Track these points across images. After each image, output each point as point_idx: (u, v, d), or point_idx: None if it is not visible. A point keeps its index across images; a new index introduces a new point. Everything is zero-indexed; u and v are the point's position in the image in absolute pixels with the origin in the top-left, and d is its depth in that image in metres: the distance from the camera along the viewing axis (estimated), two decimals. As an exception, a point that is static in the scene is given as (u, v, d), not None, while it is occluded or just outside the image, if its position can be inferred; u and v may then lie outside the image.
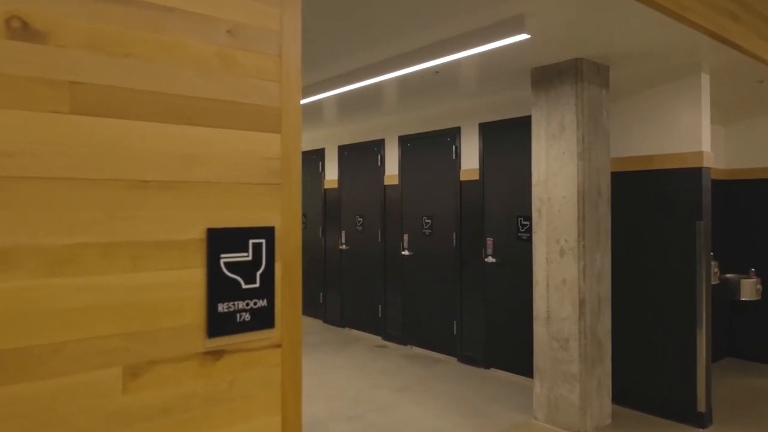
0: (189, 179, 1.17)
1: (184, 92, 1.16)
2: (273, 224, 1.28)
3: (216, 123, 1.21)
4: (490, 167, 4.99)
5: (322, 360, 5.34)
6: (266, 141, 1.28)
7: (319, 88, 4.31)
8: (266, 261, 1.27)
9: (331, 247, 6.85)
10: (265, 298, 1.26)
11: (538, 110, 3.80)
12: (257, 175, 1.26)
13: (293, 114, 1.33)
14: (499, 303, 4.91)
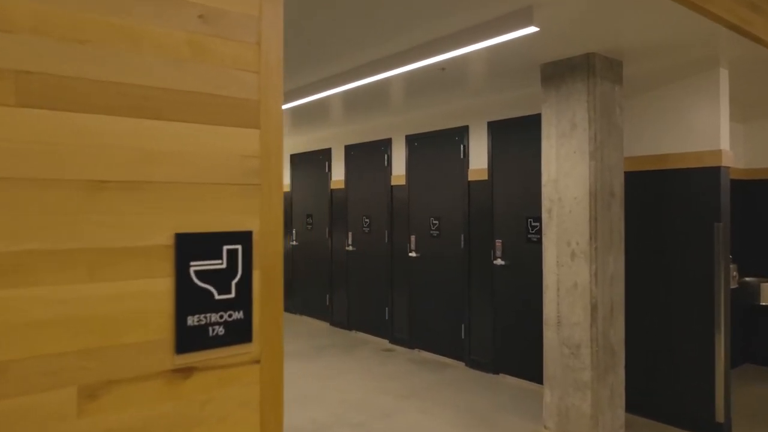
0: (154, 179, 1.06)
1: (149, 83, 1.05)
2: (250, 228, 1.17)
3: (186, 117, 1.10)
4: (499, 167, 4.85)
5: (327, 364, 5.24)
6: (243, 137, 1.17)
7: (323, 86, 4.20)
8: (242, 269, 1.15)
9: (337, 248, 6.75)
10: (241, 310, 1.15)
11: (548, 107, 3.66)
12: (233, 175, 1.15)
13: (274, 108, 1.21)
14: (508, 306, 4.77)
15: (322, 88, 4.23)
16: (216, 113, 1.13)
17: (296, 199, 7.52)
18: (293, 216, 7.55)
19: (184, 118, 1.10)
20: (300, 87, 4.42)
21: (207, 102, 1.12)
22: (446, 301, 5.36)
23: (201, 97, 1.12)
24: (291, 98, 4.56)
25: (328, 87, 4.14)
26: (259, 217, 1.19)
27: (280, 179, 1.22)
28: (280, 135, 1.22)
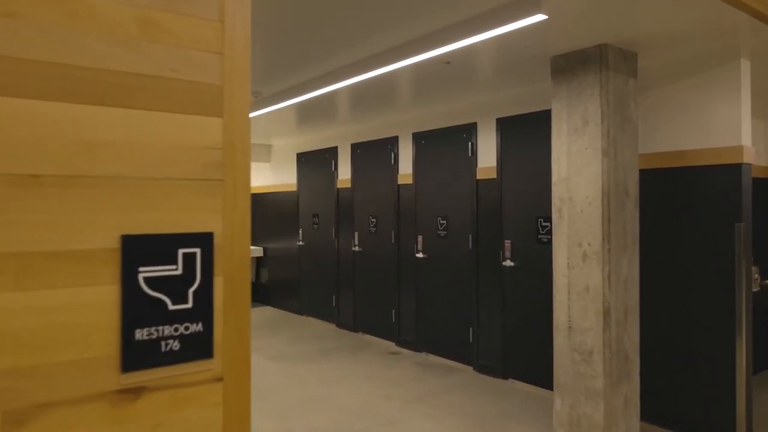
0: (97, 173, 0.93)
1: (90, 64, 0.92)
2: (211, 230, 1.04)
3: (135, 103, 0.97)
4: (508, 165, 4.69)
5: (332, 367, 5.11)
6: (203, 126, 1.04)
7: (327, 80, 4.07)
8: (202, 275, 1.02)
9: (344, 248, 6.62)
10: (199, 322, 1.02)
11: (558, 102, 3.49)
12: (190, 170, 1.02)
13: (240, 93, 1.08)
14: (517, 309, 4.61)
15: (326, 82, 4.09)
16: (171, 99, 1.00)
17: (303, 199, 7.41)
18: (300, 216, 7.44)
19: (133, 104, 0.97)
20: (304, 82, 4.30)
21: (160, 86, 0.99)
22: (454, 303, 5.20)
23: (153, 80, 0.99)
24: (295, 94, 4.43)
25: (332, 81, 4.01)
26: (222, 217, 1.05)
27: (246, 175, 1.09)
28: (246, 125, 1.09)
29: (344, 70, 3.88)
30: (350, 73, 3.82)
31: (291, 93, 4.47)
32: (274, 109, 5.01)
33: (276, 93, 4.62)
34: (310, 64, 3.85)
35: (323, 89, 4.12)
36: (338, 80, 3.94)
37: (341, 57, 3.67)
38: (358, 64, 3.75)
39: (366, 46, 3.44)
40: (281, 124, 6.38)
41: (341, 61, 3.76)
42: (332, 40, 3.34)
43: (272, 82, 4.33)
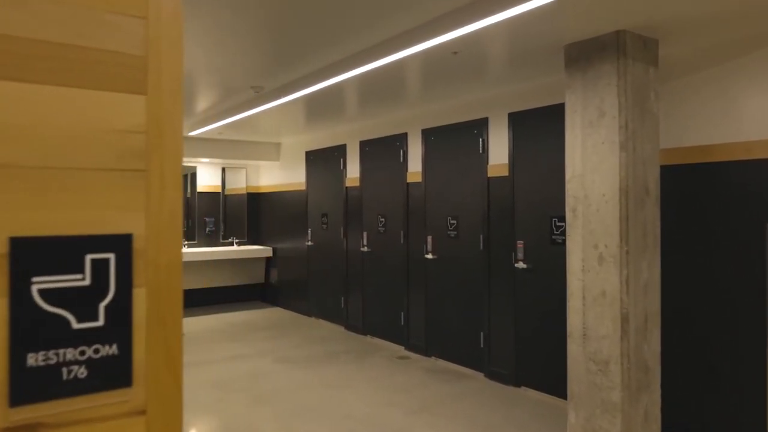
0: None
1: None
2: (129, 231, 0.86)
3: (32, 76, 0.79)
4: (521, 162, 4.46)
5: (337, 372, 4.93)
6: (121, 105, 0.85)
7: (329, 73, 3.88)
8: (117, 287, 0.84)
9: (353, 248, 6.44)
10: (114, 343, 0.84)
11: (572, 93, 3.26)
12: (103, 157, 0.84)
13: (169, 67, 0.90)
14: (531, 313, 4.38)
15: (330, 74, 3.89)
16: (78, 72, 0.82)
17: (311, 198, 7.25)
18: (308, 215, 7.28)
19: (28, 77, 0.79)
20: (307, 74, 4.11)
21: (65, 56, 0.81)
22: (464, 306, 4.99)
23: (56, 49, 0.81)
24: (299, 87, 4.25)
25: (337, 73, 3.81)
26: (145, 215, 0.87)
27: (176, 164, 0.90)
28: (177, 104, 0.90)
29: (348, 60, 3.69)
30: (354, 63, 3.63)
31: (294, 86, 4.29)
32: (279, 105, 4.85)
33: (279, 87, 4.46)
34: (312, 56, 3.67)
35: (327, 81, 3.93)
36: (342, 71, 3.75)
37: (344, 47, 3.49)
38: (362, 54, 3.55)
39: (369, 34, 3.25)
40: (289, 122, 6.22)
41: (345, 51, 3.57)
42: (334, 30, 3.16)
43: (274, 76, 4.17)
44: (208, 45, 3.42)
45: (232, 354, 5.52)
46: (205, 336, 6.31)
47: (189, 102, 5.18)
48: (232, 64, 3.85)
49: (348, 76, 3.76)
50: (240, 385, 4.56)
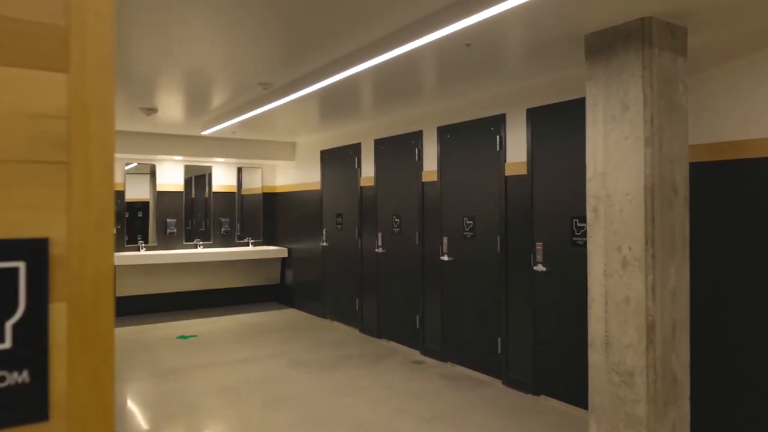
0: None
1: None
2: (45, 235, 0.72)
3: None
4: (539, 159, 4.26)
5: (349, 377, 4.79)
6: (36, 85, 0.72)
7: (339, 66, 3.73)
8: (29, 301, 0.70)
9: (367, 249, 6.30)
10: (24, 369, 0.70)
11: (594, 86, 3.06)
12: (13, 147, 0.70)
13: (97, 40, 0.76)
14: (551, 318, 4.17)
15: (340, 68, 3.73)
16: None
17: (326, 198, 7.13)
18: (323, 215, 7.16)
19: None
20: (317, 69, 3.97)
21: (-36, 25, 0.68)
22: (481, 310, 4.80)
23: (-48, 16, 0.67)
24: (309, 82, 4.10)
25: (347, 67, 3.65)
26: (66, 216, 0.73)
27: (107, 155, 0.76)
28: (107, 84, 0.76)
29: (357, 54, 3.54)
30: (363, 56, 3.47)
31: (303, 82, 4.16)
32: (290, 102, 4.73)
33: (288, 83, 4.33)
34: (320, 50, 3.53)
35: (337, 76, 3.78)
36: (351, 65, 3.59)
37: (352, 40, 3.34)
38: (371, 46, 3.40)
39: (378, 25, 3.10)
40: (304, 120, 6.11)
41: (353, 44, 3.43)
42: (342, 22, 3.02)
43: (283, 72, 4.04)
44: (211, 39, 3.31)
45: (243, 356, 5.42)
46: (217, 337, 6.23)
47: (199, 100, 5.09)
48: (238, 59, 3.73)
49: (357, 70, 3.61)
50: (249, 390, 4.44)
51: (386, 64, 3.53)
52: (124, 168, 7.35)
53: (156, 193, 7.57)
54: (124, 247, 7.32)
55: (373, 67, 3.61)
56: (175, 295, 7.59)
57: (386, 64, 3.56)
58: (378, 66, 3.58)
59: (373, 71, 3.81)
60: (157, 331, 6.56)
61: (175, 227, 7.67)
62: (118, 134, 6.75)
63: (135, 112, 5.48)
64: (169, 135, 7.06)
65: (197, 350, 5.68)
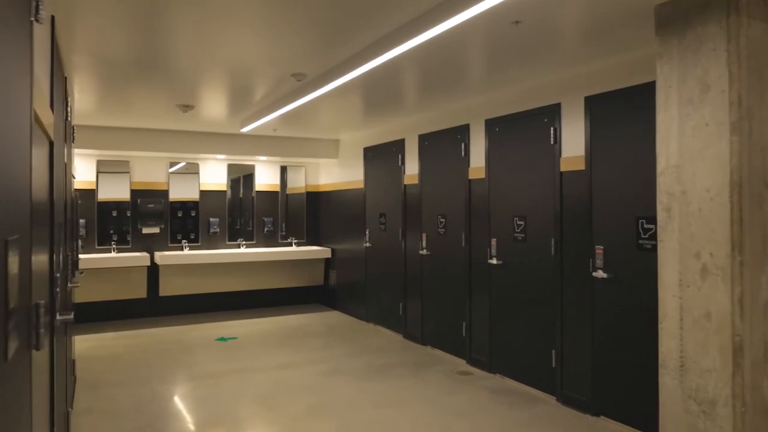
0: None
1: None
2: None
3: None
4: (600, 153, 3.82)
5: (391, 388, 4.48)
6: None
7: (376, 50, 3.41)
8: None
9: (411, 251, 5.97)
10: None
11: (666, 64, 2.62)
12: None
13: None
14: (613, 331, 3.72)
15: (377, 52, 3.39)
16: None
17: (369, 197, 6.85)
18: (367, 215, 6.89)
19: None
20: (353, 55, 3.65)
21: None
22: (533, 319, 4.39)
23: None
24: (345, 70, 3.79)
25: (383, 50, 3.30)
26: None
27: None
28: None
29: (398, 33, 3.17)
30: (405, 35, 3.10)
31: (342, 69, 3.83)
32: (328, 95, 4.46)
33: (325, 72, 4.05)
34: (359, 32, 3.22)
35: (378, 59, 3.38)
36: (392, 46, 3.21)
37: (395, 16, 3.00)
38: (412, 24, 3.05)
39: (415, 3, 2.77)
40: (347, 116, 5.85)
41: (395, 21, 3.08)
42: (377, 2, 2.71)
43: (321, 59, 3.76)
44: (249, 27, 3.07)
45: (280, 362, 5.21)
46: (256, 340, 6.06)
47: (237, 95, 4.91)
48: (276, 49, 3.49)
49: (399, 52, 3.24)
50: (283, 400, 4.21)
51: (429, 47, 3.19)
52: (167, 167, 7.32)
53: (199, 193, 7.50)
54: (168, 247, 7.29)
55: (415, 51, 3.27)
56: (217, 295, 7.50)
57: (429, 48, 3.22)
58: (420, 50, 3.24)
59: (415, 56, 3.48)
60: (196, 332, 6.47)
61: (218, 227, 7.58)
62: (159, 133, 6.70)
63: (174, 110, 5.36)
64: (212, 133, 6.97)
65: (235, 353, 5.52)
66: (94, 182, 6.91)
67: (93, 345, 5.85)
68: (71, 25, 3.05)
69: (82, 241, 6.76)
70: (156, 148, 6.74)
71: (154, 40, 3.31)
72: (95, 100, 5.01)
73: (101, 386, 4.49)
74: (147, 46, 3.44)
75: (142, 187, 7.17)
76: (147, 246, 7.14)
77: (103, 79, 4.21)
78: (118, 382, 4.62)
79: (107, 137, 6.46)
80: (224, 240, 7.65)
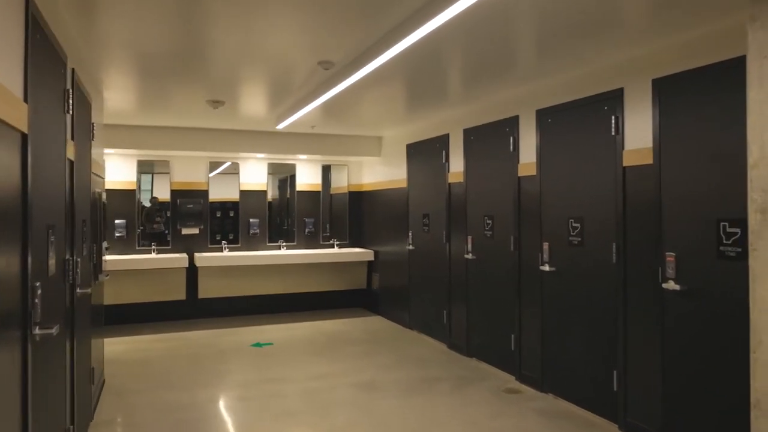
0: None
1: None
2: None
3: None
4: (671, 144, 3.27)
5: (430, 406, 4.07)
6: None
7: (413, 24, 3.01)
8: None
9: (456, 255, 5.54)
10: None
11: (760, 29, 2.10)
12: None
13: None
14: (688, 354, 3.18)
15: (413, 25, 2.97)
16: None
17: (413, 196, 6.45)
18: (410, 216, 6.49)
19: None
20: (385, 34, 3.26)
21: None
22: (592, 334, 3.87)
23: None
24: (375, 53, 3.40)
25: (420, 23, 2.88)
26: None
27: None
28: None
29: (432, 5, 2.77)
30: (436, 8, 2.69)
31: (369, 55, 3.46)
32: (362, 84, 4.11)
33: (354, 60, 3.68)
34: (379, 15, 2.85)
35: (413, 35, 2.96)
36: (429, 18, 2.79)
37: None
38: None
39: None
40: (388, 110, 5.49)
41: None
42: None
43: (342, 46, 3.41)
44: (275, 11, 2.76)
45: (314, 372, 4.90)
46: (292, 347, 5.78)
47: (272, 88, 4.64)
48: (302, 35, 3.16)
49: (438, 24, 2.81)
50: (311, 418, 3.88)
51: (471, 21, 2.77)
52: (207, 167, 7.18)
53: (239, 193, 7.33)
54: (207, 248, 7.15)
55: (456, 26, 2.85)
56: (256, 298, 7.31)
57: (471, 23, 2.80)
58: (461, 25, 2.81)
59: (456, 34, 3.07)
60: (232, 336, 6.27)
61: (258, 227, 7.38)
62: (197, 131, 6.56)
63: (209, 107, 5.15)
64: (250, 131, 6.77)
65: (268, 361, 5.26)
66: (135, 182, 6.85)
67: (128, 348, 5.74)
68: (109, 18, 2.86)
69: (122, 242, 6.71)
70: (193, 146, 6.60)
71: (189, 30, 3.08)
72: (133, 98, 4.87)
73: (126, 393, 4.31)
74: (183, 38, 3.22)
75: (181, 188, 7.06)
76: (186, 247, 7.02)
77: (139, 73, 4.03)
78: (145, 389, 4.43)
79: (145, 136, 6.37)
80: (264, 241, 7.44)
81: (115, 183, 6.69)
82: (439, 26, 2.78)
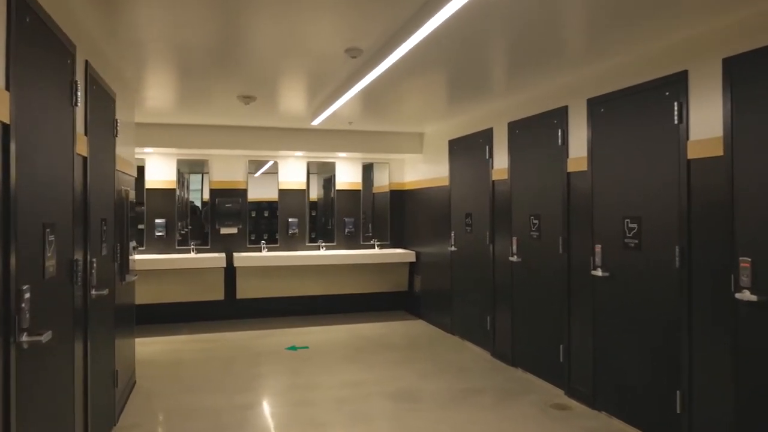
0: None
1: None
2: None
3: None
4: (746, 135, 2.84)
5: (468, 422, 3.76)
6: None
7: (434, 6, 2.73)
8: None
9: (500, 257, 5.19)
10: None
11: None
12: None
13: None
14: (765, 373, 2.74)
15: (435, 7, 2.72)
16: None
17: (455, 195, 6.13)
18: (452, 215, 6.18)
19: None
20: (413, 15, 2.99)
21: None
22: (651, 347, 3.46)
23: None
24: (406, 35, 3.12)
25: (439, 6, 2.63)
26: None
27: None
28: None
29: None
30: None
31: (403, 35, 3.15)
32: (402, 75, 3.84)
33: (383, 45, 3.41)
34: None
35: (441, 14, 2.67)
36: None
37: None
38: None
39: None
40: (429, 104, 5.21)
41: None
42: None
43: (371, 32, 3.15)
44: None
45: (348, 379, 4.67)
46: (328, 351, 5.57)
47: (302, 81, 4.44)
48: (318, 22, 2.93)
49: (458, 6, 2.53)
50: (336, 431, 3.65)
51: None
52: (246, 166, 7.09)
53: (278, 192, 7.21)
54: (246, 248, 7.06)
55: (495, 5, 2.54)
56: (294, 299, 7.17)
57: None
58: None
59: (496, 13, 2.76)
60: (268, 338, 6.12)
61: (297, 227, 7.24)
62: (233, 129, 6.46)
63: (241, 104, 5.02)
64: (287, 129, 6.63)
65: (301, 366, 5.07)
66: (174, 182, 6.83)
67: (162, 348, 5.69)
68: (135, 10, 2.73)
69: (162, 242, 6.70)
70: (230, 145, 6.51)
71: (225, 22, 2.94)
72: (169, 95, 4.79)
73: (155, 396, 4.21)
74: (220, 30, 3.07)
75: (220, 186, 7.00)
76: (225, 247, 6.95)
77: (173, 69, 3.93)
78: (174, 392, 4.32)
79: (183, 134, 6.32)
80: (304, 241, 7.29)
81: (155, 182, 6.70)
82: (472, 2, 2.48)
